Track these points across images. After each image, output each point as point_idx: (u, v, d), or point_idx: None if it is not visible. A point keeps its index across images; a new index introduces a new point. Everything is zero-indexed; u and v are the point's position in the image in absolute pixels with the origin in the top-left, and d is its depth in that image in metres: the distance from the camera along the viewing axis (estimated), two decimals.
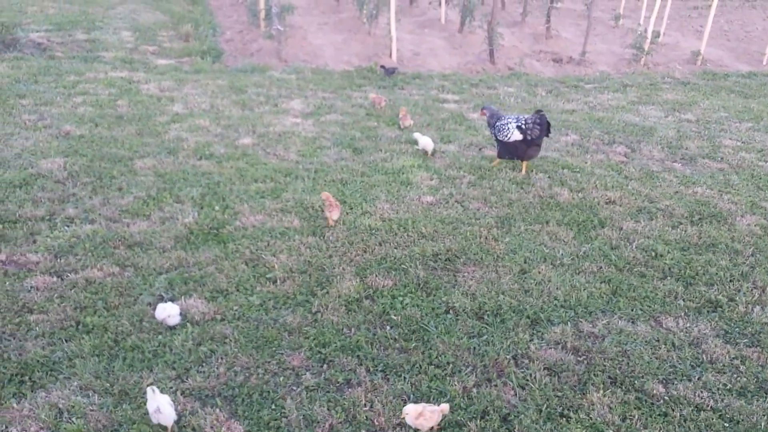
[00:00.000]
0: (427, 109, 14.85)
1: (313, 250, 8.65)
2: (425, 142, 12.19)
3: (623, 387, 6.47)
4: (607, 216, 9.93)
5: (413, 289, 7.88)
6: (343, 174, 10.99)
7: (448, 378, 6.48)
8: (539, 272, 8.35)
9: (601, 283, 8.19)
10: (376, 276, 8.10)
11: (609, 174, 11.55)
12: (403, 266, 8.34)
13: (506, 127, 11.21)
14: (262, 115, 13.90)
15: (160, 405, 5.66)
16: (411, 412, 5.75)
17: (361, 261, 8.45)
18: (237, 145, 12.15)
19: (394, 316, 7.38)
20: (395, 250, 8.71)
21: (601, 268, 8.54)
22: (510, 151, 11.44)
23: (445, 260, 8.56)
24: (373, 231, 9.18)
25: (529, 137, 11.13)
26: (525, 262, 8.57)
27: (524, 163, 11.59)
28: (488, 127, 11.83)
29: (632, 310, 7.68)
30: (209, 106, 14.30)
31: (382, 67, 17.76)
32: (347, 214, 9.60)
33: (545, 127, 11.17)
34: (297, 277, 8.04)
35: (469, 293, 7.85)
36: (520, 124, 11.12)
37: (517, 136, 11.15)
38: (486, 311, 7.52)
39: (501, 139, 11.38)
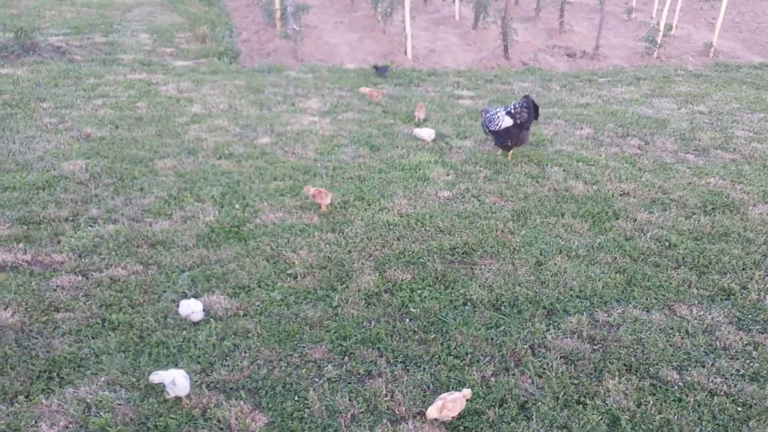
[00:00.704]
0: (442, 106, 14.92)
1: (332, 246, 8.75)
2: (427, 133, 12.49)
3: (638, 374, 6.55)
4: (621, 208, 10.00)
5: (431, 282, 7.97)
6: (360, 171, 11.08)
7: (466, 368, 6.57)
8: (555, 264, 8.43)
9: (615, 273, 8.26)
10: (395, 270, 8.19)
11: (623, 166, 11.61)
12: (421, 260, 8.44)
13: (496, 116, 11.47)
14: (279, 115, 14.00)
15: (175, 378, 5.96)
16: (432, 412, 5.83)
17: (380, 256, 8.54)
18: (255, 144, 12.25)
19: (413, 308, 7.47)
20: (413, 245, 8.80)
21: (615, 258, 8.62)
22: (504, 139, 11.62)
23: (463, 253, 8.64)
24: (392, 226, 9.28)
25: (518, 121, 11.33)
26: (541, 254, 8.65)
27: (509, 153, 11.93)
28: (483, 127, 12.09)
29: (647, 299, 7.75)
30: (227, 107, 14.41)
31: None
32: (365, 210, 9.71)
33: (533, 111, 11.37)
34: (317, 272, 8.15)
35: (486, 285, 7.94)
36: (509, 109, 11.36)
37: (507, 122, 11.36)
38: (503, 302, 7.61)
39: (493, 129, 11.60)
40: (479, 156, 11.88)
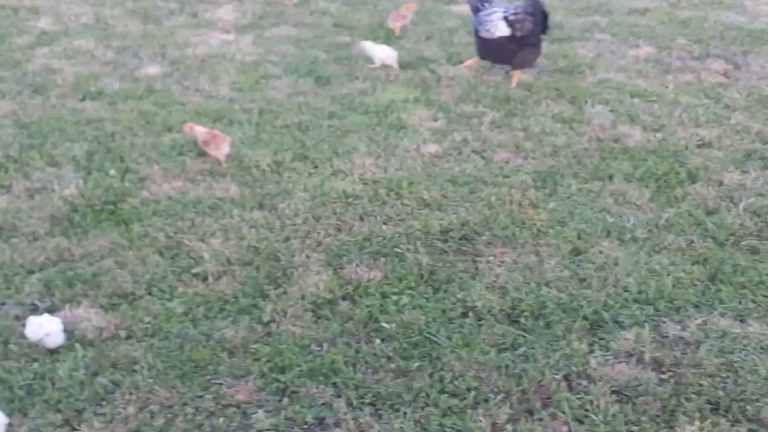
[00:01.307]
0: (425, 15, 14.92)
1: (260, 230, 8.75)
2: (384, 53, 12.45)
3: (729, 415, 6.54)
4: (699, 165, 10.05)
5: (413, 283, 7.97)
6: (302, 115, 11.09)
7: (469, 411, 6.55)
8: (600, 252, 8.45)
9: (692, 264, 8.29)
10: (357, 265, 8.21)
11: (701, 103, 11.69)
12: (396, 250, 8.44)
13: (489, 18, 11.57)
14: (174, 31, 14.00)
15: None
16: None
17: (334, 244, 8.55)
18: (138, 76, 12.24)
19: (387, 323, 7.45)
20: (384, 227, 8.82)
21: (691, 242, 8.65)
22: (494, 52, 11.79)
23: (460, 239, 8.67)
24: (350, 199, 9.29)
25: (518, 33, 11.43)
26: (579, 238, 8.69)
27: (515, 74, 11.99)
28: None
29: (740, 303, 7.77)
30: (93, 20, 14.38)
31: None
32: (310, 174, 9.71)
33: (540, 20, 11.49)
34: (238, 270, 8.14)
35: (496, 286, 7.95)
36: (507, 14, 11.44)
37: (502, 30, 11.48)
38: (523, 312, 7.61)
39: (483, 35, 11.73)
40: (482, 90, 11.91)
